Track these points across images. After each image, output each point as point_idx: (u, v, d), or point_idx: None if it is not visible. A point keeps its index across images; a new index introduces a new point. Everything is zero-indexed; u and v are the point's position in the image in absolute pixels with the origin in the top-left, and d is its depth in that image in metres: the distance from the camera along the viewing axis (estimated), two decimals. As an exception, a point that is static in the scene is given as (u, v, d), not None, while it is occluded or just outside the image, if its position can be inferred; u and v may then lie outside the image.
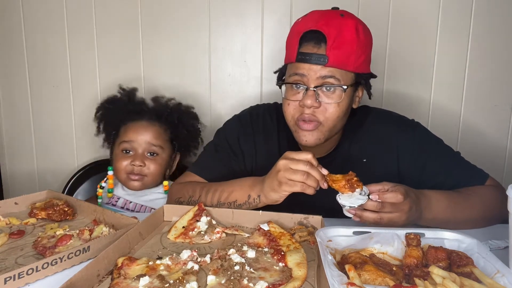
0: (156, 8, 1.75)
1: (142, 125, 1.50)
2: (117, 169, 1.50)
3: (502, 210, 0.96)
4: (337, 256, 0.82)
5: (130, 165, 1.47)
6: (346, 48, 1.05)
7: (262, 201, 1.05)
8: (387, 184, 0.94)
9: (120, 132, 1.52)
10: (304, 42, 1.08)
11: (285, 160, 0.98)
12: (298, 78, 1.09)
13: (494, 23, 1.65)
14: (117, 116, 1.56)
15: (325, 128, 1.10)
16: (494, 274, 0.71)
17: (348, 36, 1.04)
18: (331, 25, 1.04)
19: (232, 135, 1.30)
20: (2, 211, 1.14)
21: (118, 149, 1.50)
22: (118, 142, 1.51)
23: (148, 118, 1.52)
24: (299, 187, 0.97)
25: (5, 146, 1.96)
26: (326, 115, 1.09)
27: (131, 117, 1.53)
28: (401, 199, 0.91)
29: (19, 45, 1.85)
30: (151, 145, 1.49)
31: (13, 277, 0.75)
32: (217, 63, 1.79)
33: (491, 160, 1.72)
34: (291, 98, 1.12)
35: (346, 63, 1.06)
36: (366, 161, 1.20)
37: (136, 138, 1.48)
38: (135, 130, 1.49)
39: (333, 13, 1.08)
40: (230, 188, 1.12)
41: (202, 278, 0.79)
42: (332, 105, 1.08)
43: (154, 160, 1.50)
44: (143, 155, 1.48)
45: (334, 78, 1.06)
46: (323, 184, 0.96)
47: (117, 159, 1.50)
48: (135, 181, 1.48)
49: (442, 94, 1.72)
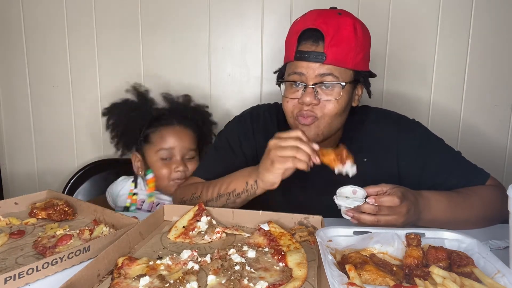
0: (156, 8, 1.76)
1: (177, 130, 1.49)
2: (159, 177, 1.47)
3: (502, 210, 0.96)
4: (337, 256, 0.82)
5: (174, 172, 1.45)
6: (344, 45, 1.05)
7: (259, 186, 1.05)
8: (385, 186, 0.94)
9: (153, 138, 1.48)
10: (303, 41, 1.08)
11: (276, 139, 1.00)
12: (297, 77, 1.10)
13: (494, 23, 1.65)
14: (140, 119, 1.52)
15: (322, 124, 1.11)
16: (494, 274, 0.71)
17: (346, 34, 1.05)
18: (329, 23, 1.05)
19: (233, 136, 1.30)
20: (2, 211, 1.14)
21: (156, 156, 1.47)
22: (154, 150, 1.47)
23: (178, 121, 1.50)
24: (290, 162, 0.97)
25: (5, 146, 1.96)
26: (324, 111, 1.09)
27: (161, 121, 1.50)
28: (397, 203, 0.91)
29: (19, 45, 1.85)
30: (189, 150, 1.49)
31: (13, 277, 0.75)
32: (217, 63, 1.79)
33: (491, 160, 1.72)
34: (290, 96, 1.12)
35: (344, 60, 1.07)
36: (366, 160, 1.20)
37: (175, 144, 1.46)
38: (172, 136, 1.47)
39: (331, 12, 1.09)
40: (229, 179, 1.13)
41: (202, 278, 0.79)
42: (331, 102, 1.08)
43: (193, 162, 1.49)
44: (182, 159, 1.48)
45: (332, 75, 1.07)
46: (315, 158, 0.97)
47: (157, 167, 1.47)
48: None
49: (442, 94, 1.72)
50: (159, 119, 1.52)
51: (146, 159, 1.51)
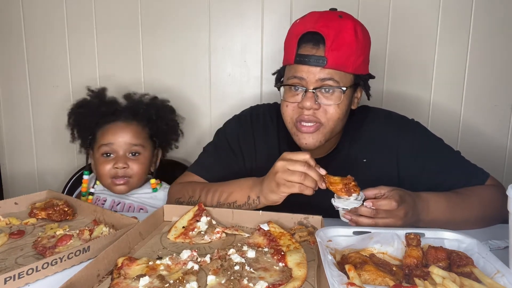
0: (156, 8, 1.76)
1: (119, 126, 1.45)
2: (100, 174, 1.46)
3: (502, 210, 0.96)
4: (337, 256, 0.82)
5: (113, 169, 1.42)
6: (345, 49, 1.04)
7: (261, 202, 1.06)
8: (384, 188, 0.94)
9: (97, 135, 1.47)
10: (303, 44, 1.07)
11: (283, 161, 0.98)
12: (297, 81, 1.09)
13: (494, 23, 1.64)
14: (91, 120, 1.50)
15: (326, 130, 1.10)
16: (494, 274, 0.71)
17: (347, 38, 1.04)
18: (329, 26, 1.04)
19: (232, 135, 1.30)
20: (2, 211, 1.14)
21: (98, 153, 1.45)
22: (96, 147, 1.46)
23: (124, 118, 1.47)
24: (297, 188, 0.96)
25: (5, 146, 1.96)
26: (327, 116, 1.08)
27: (106, 119, 1.48)
28: (395, 206, 0.91)
29: (19, 45, 1.85)
30: (131, 146, 1.44)
31: (13, 277, 0.75)
32: (217, 63, 1.79)
33: (491, 160, 1.72)
34: (289, 100, 1.11)
35: (345, 64, 1.06)
36: (366, 161, 1.20)
37: (115, 140, 1.43)
38: (113, 132, 1.44)
39: (332, 14, 1.08)
40: (230, 189, 1.12)
41: (202, 278, 0.79)
42: (332, 106, 1.08)
43: (137, 160, 1.46)
44: (124, 156, 1.44)
45: (333, 80, 1.06)
46: (321, 184, 0.96)
47: (98, 163, 1.45)
48: (121, 185, 1.44)
49: (442, 94, 1.72)
50: (106, 117, 1.49)
51: (93, 156, 1.50)
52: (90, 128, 1.50)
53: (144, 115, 1.52)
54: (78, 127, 1.55)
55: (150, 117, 1.53)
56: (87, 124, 1.51)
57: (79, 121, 1.54)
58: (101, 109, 1.52)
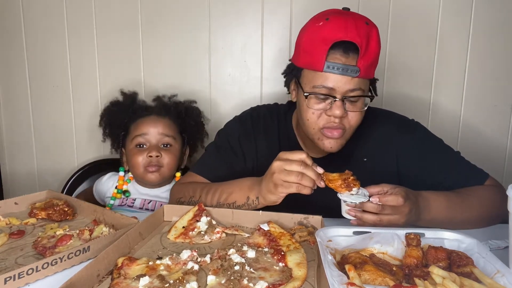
0: (156, 8, 1.75)
1: (152, 118, 1.52)
2: (133, 165, 1.50)
3: (501, 210, 0.96)
4: (337, 256, 0.82)
5: (147, 158, 1.48)
6: (372, 58, 1.04)
7: (260, 203, 1.06)
8: (386, 186, 0.94)
9: (131, 129, 1.53)
10: (332, 50, 1.03)
11: (279, 161, 0.98)
12: (327, 91, 1.05)
13: (494, 23, 1.65)
14: (124, 116, 1.58)
15: (348, 135, 1.12)
16: (494, 274, 0.71)
17: (374, 46, 1.03)
18: (361, 35, 1.01)
19: (233, 135, 1.30)
20: (2, 211, 1.14)
21: (132, 145, 1.51)
22: (130, 139, 1.52)
23: (157, 113, 1.55)
24: (294, 188, 0.96)
25: (5, 146, 1.96)
26: (351, 123, 1.10)
27: (140, 114, 1.55)
28: (401, 202, 0.91)
29: (19, 45, 1.85)
30: (164, 136, 1.50)
31: (13, 277, 0.75)
32: (217, 63, 1.79)
33: (491, 160, 1.72)
34: (315, 107, 1.09)
35: (370, 73, 1.07)
36: (366, 160, 1.20)
37: (148, 130, 1.49)
38: (147, 123, 1.51)
39: (360, 21, 1.03)
40: (229, 189, 1.12)
41: (202, 278, 0.79)
42: (356, 113, 1.09)
43: (169, 151, 1.51)
44: (157, 146, 1.50)
45: (360, 89, 1.06)
46: (320, 183, 0.96)
47: (132, 155, 1.50)
48: (153, 172, 1.48)
49: (442, 94, 1.72)
50: (139, 111, 1.57)
51: (126, 151, 1.55)
52: (123, 125, 1.57)
53: (174, 111, 1.59)
54: (110, 125, 1.63)
55: (179, 113, 1.60)
56: (119, 122, 1.59)
57: (112, 119, 1.62)
58: (133, 106, 1.61)
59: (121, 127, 1.58)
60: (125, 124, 1.57)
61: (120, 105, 1.64)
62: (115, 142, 1.63)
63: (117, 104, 1.65)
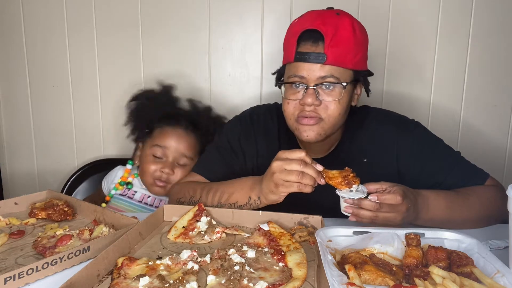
0: (156, 8, 1.75)
1: (179, 133, 1.46)
2: (144, 171, 1.47)
3: (501, 210, 0.96)
4: (337, 256, 0.82)
5: (159, 172, 1.43)
6: (343, 46, 1.05)
7: (262, 202, 1.06)
8: (385, 183, 0.94)
9: (155, 133, 1.48)
10: (302, 42, 1.08)
11: (279, 161, 0.98)
12: (298, 79, 1.09)
13: (494, 23, 1.64)
14: (154, 114, 1.52)
15: (326, 125, 1.10)
16: (494, 274, 0.71)
17: (345, 34, 1.05)
18: (327, 23, 1.05)
19: (233, 135, 1.30)
20: (2, 211, 1.14)
21: (149, 150, 1.46)
22: (150, 143, 1.47)
23: (185, 126, 1.49)
24: (295, 188, 0.97)
25: (5, 146, 1.96)
26: (328, 112, 1.09)
27: (169, 120, 1.49)
28: (399, 201, 0.91)
29: (19, 45, 1.85)
30: (183, 156, 1.45)
31: (13, 277, 0.75)
32: (217, 63, 1.79)
33: (491, 160, 1.72)
34: (290, 97, 1.12)
35: (344, 61, 1.07)
36: (366, 161, 1.20)
37: (170, 145, 1.44)
38: (171, 137, 1.45)
39: (329, 12, 1.09)
40: (230, 189, 1.12)
41: (202, 278, 0.79)
42: (332, 102, 1.08)
43: (183, 169, 1.46)
44: (173, 163, 1.45)
45: (333, 76, 1.07)
46: (320, 180, 0.96)
47: (146, 161, 1.46)
48: (160, 187, 1.45)
49: (442, 94, 1.72)
50: (169, 117, 1.51)
51: (143, 150, 1.52)
52: (151, 122, 1.52)
53: (203, 127, 1.53)
54: (138, 115, 1.57)
55: (207, 130, 1.52)
56: (148, 117, 1.53)
57: (141, 111, 1.56)
58: (166, 108, 1.54)
59: (147, 123, 1.53)
60: (153, 122, 1.51)
61: (153, 100, 1.57)
62: (136, 133, 1.58)
63: (150, 97, 1.58)
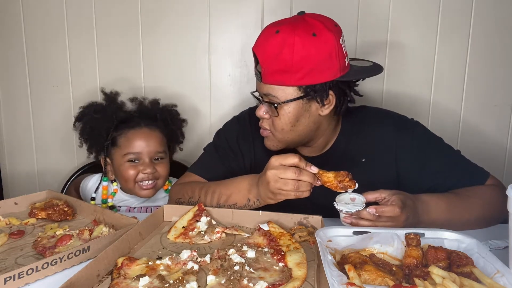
0: (156, 8, 1.75)
1: (145, 132, 1.45)
2: (125, 179, 1.44)
3: (502, 210, 0.96)
4: (337, 256, 0.82)
5: (141, 174, 1.42)
6: (275, 64, 1.05)
7: (261, 203, 1.06)
8: (384, 192, 0.94)
9: (120, 142, 1.45)
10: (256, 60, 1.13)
11: (273, 170, 0.97)
12: (257, 94, 1.17)
13: (494, 23, 1.64)
14: (108, 125, 1.49)
15: (276, 138, 1.15)
16: (494, 274, 0.71)
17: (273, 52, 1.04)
18: (259, 44, 1.09)
19: (232, 135, 1.31)
20: (2, 211, 1.14)
21: (122, 160, 1.44)
22: (119, 154, 1.45)
23: (146, 124, 1.48)
24: (293, 195, 0.97)
25: (5, 146, 1.96)
26: (274, 126, 1.13)
27: (128, 124, 1.47)
28: (398, 213, 0.91)
29: (19, 45, 1.85)
30: (157, 153, 1.46)
31: (13, 277, 0.75)
32: (217, 63, 1.79)
33: (491, 160, 1.71)
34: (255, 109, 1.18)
35: (280, 79, 1.06)
36: (365, 161, 1.19)
37: (142, 147, 1.43)
38: (139, 138, 1.44)
39: (271, 30, 1.07)
40: (228, 190, 1.12)
41: (202, 278, 0.79)
42: (275, 118, 1.11)
43: (162, 163, 1.47)
44: (151, 162, 1.45)
45: (270, 95, 1.09)
46: (316, 182, 0.97)
47: (123, 169, 1.44)
48: (148, 189, 1.44)
49: (442, 94, 1.72)
50: (127, 122, 1.49)
51: (114, 162, 1.49)
52: (108, 134, 1.49)
53: (161, 120, 1.54)
54: (92, 133, 1.53)
55: (166, 122, 1.56)
56: (103, 130, 1.50)
57: (95, 127, 1.52)
58: (118, 114, 1.52)
59: (103, 134, 1.50)
60: (110, 133, 1.48)
61: (103, 112, 1.53)
62: (97, 150, 1.55)
63: (99, 111, 1.53)
